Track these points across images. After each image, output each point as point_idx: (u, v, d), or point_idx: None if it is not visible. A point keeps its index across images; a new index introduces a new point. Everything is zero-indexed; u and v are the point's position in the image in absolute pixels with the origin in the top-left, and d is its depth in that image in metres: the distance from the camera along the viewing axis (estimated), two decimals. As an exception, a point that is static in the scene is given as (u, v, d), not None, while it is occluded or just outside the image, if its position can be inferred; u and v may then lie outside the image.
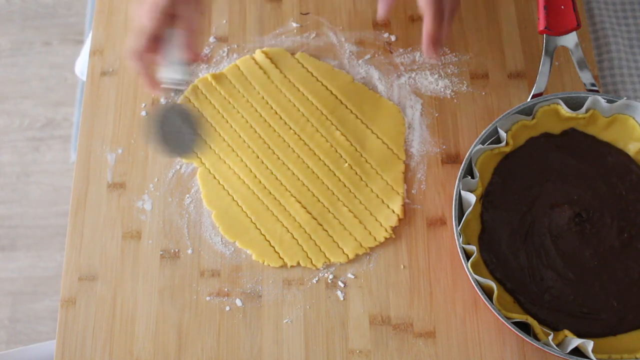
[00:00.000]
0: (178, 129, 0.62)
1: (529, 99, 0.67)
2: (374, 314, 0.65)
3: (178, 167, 0.72)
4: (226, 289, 0.67)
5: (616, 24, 0.78)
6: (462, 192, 0.63)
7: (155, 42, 0.60)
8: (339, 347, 0.64)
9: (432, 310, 0.65)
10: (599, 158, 0.67)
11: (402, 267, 0.67)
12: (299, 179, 0.71)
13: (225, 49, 0.78)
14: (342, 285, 0.67)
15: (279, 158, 0.72)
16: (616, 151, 0.67)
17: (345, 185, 0.70)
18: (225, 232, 0.69)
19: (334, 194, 0.70)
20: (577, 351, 0.59)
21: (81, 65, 0.99)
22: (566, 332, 0.59)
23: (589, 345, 0.57)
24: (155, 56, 0.61)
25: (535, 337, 0.59)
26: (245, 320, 0.66)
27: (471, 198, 0.62)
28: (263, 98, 0.74)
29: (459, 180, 0.63)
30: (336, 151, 0.71)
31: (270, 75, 0.75)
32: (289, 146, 0.72)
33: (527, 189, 0.66)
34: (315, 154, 0.72)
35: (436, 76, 0.75)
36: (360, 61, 0.76)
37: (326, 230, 0.68)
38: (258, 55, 0.76)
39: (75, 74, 1.04)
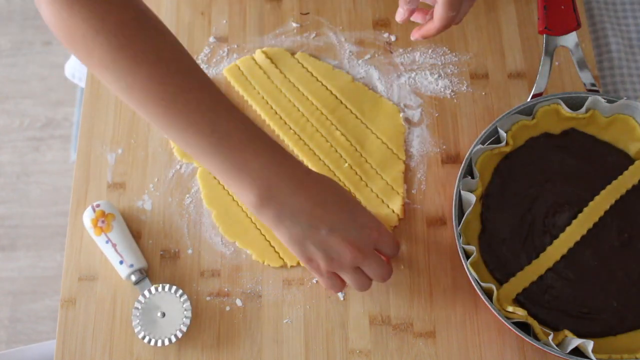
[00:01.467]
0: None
1: (529, 99, 0.67)
2: (374, 314, 0.65)
3: (178, 167, 0.72)
4: (226, 289, 0.67)
5: (616, 24, 0.78)
6: (462, 192, 0.63)
7: None
8: (339, 347, 0.64)
9: (432, 310, 0.65)
10: (599, 158, 0.66)
11: (402, 267, 0.67)
12: (299, 179, 0.71)
13: (225, 49, 0.78)
14: (342, 285, 0.67)
15: (279, 158, 0.72)
16: (616, 151, 0.67)
17: (345, 185, 0.70)
18: (225, 232, 0.69)
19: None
20: (577, 351, 0.59)
21: (71, 67, 0.99)
22: (566, 332, 0.59)
23: (589, 345, 0.57)
24: None
25: (535, 337, 0.59)
26: (245, 320, 0.66)
27: (471, 198, 0.62)
28: (263, 98, 0.74)
29: (459, 180, 0.63)
30: (336, 151, 0.71)
31: (270, 75, 0.75)
32: (289, 146, 0.72)
33: (527, 189, 0.66)
34: (315, 154, 0.72)
35: (436, 76, 0.75)
36: (360, 61, 0.76)
37: (326, 230, 0.68)
38: (258, 55, 0.76)
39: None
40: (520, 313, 0.59)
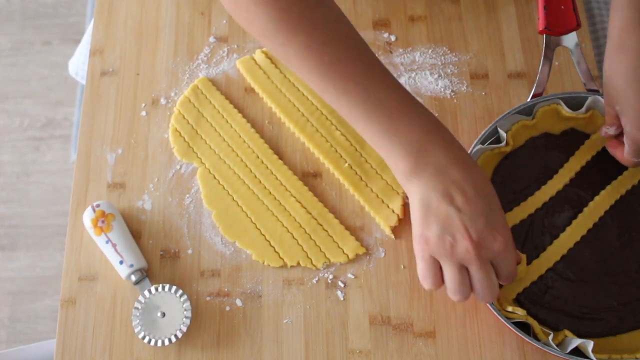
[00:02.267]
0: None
1: (529, 99, 0.67)
2: (374, 314, 0.65)
3: (178, 167, 0.72)
4: (226, 289, 0.67)
5: (616, 24, 0.78)
6: (462, 192, 0.63)
7: None
8: (339, 347, 0.64)
9: (432, 310, 0.65)
10: (599, 158, 0.66)
11: (402, 267, 0.67)
12: (298, 179, 0.71)
13: (225, 49, 0.78)
14: (342, 285, 0.67)
15: (279, 158, 0.72)
16: (616, 151, 0.67)
17: (345, 186, 0.70)
18: (225, 232, 0.69)
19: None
20: (577, 351, 0.59)
21: (75, 65, 0.99)
22: (566, 332, 0.59)
23: (589, 345, 0.57)
24: None
25: (535, 337, 0.59)
26: (245, 320, 0.66)
27: (471, 198, 0.62)
28: (263, 99, 0.74)
29: (459, 180, 0.63)
30: (336, 151, 0.71)
31: (270, 75, 0.75)
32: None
33: (527, 189, 0.66)
34: (315, 154, 0.72)
35: (436, 76, 0.75)
36: (360, 61, 0.76)
37: (326, 230, 0.68)
38: (258, 55, 0.76)
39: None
40: (520, 313, 0.59)
